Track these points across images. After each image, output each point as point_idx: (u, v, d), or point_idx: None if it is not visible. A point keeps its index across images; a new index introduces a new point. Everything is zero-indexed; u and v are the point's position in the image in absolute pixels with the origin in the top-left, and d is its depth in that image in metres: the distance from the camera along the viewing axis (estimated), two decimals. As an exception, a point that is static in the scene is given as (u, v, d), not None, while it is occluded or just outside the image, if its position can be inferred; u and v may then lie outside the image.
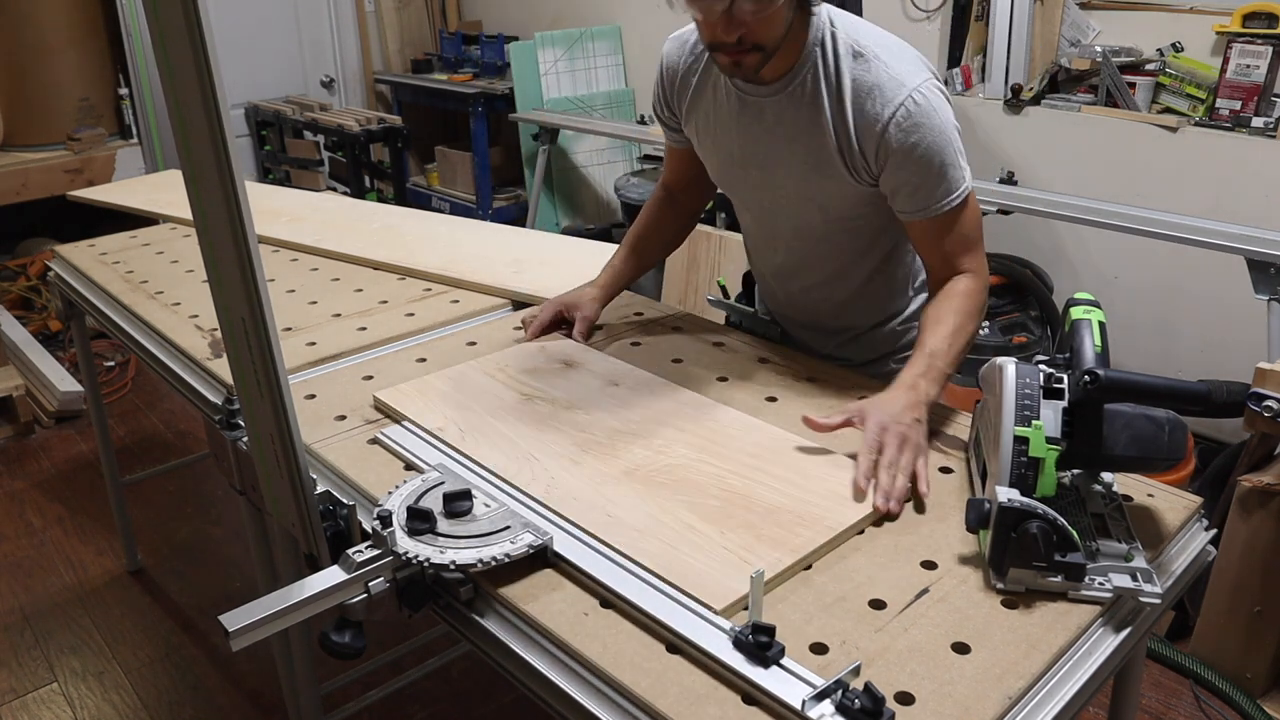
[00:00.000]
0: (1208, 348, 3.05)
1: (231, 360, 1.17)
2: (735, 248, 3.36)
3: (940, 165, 1.36)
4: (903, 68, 1.36)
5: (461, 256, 2.05)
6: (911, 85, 1.34)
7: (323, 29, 5.35)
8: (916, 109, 1.33)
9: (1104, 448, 1.07)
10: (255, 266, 1.02)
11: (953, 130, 1.37)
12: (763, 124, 1.45)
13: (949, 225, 1.41)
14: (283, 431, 1.13)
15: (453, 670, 2.33)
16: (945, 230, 1.41)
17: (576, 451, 1.31)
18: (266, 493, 1.28)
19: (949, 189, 1.37)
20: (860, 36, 1.39)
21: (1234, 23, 2.87)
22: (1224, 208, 2.82)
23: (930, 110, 1.34)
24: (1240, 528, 2.10)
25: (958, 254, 1.42)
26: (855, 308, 1.64)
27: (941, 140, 1.35)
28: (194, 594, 2.66)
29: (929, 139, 1.34)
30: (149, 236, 2.32)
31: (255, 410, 1.17)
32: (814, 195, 1.47)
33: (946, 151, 1.36)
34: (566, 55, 4.74)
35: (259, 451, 1.23)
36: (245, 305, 1.06)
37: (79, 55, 4.14)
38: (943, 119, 1.35)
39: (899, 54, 1.38)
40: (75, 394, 3.55)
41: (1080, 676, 0.98)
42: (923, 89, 1.34)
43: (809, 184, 1.46)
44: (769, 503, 1.18)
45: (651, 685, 0.93)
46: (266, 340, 1.06)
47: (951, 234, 1.41)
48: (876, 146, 1.37)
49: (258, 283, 1.03)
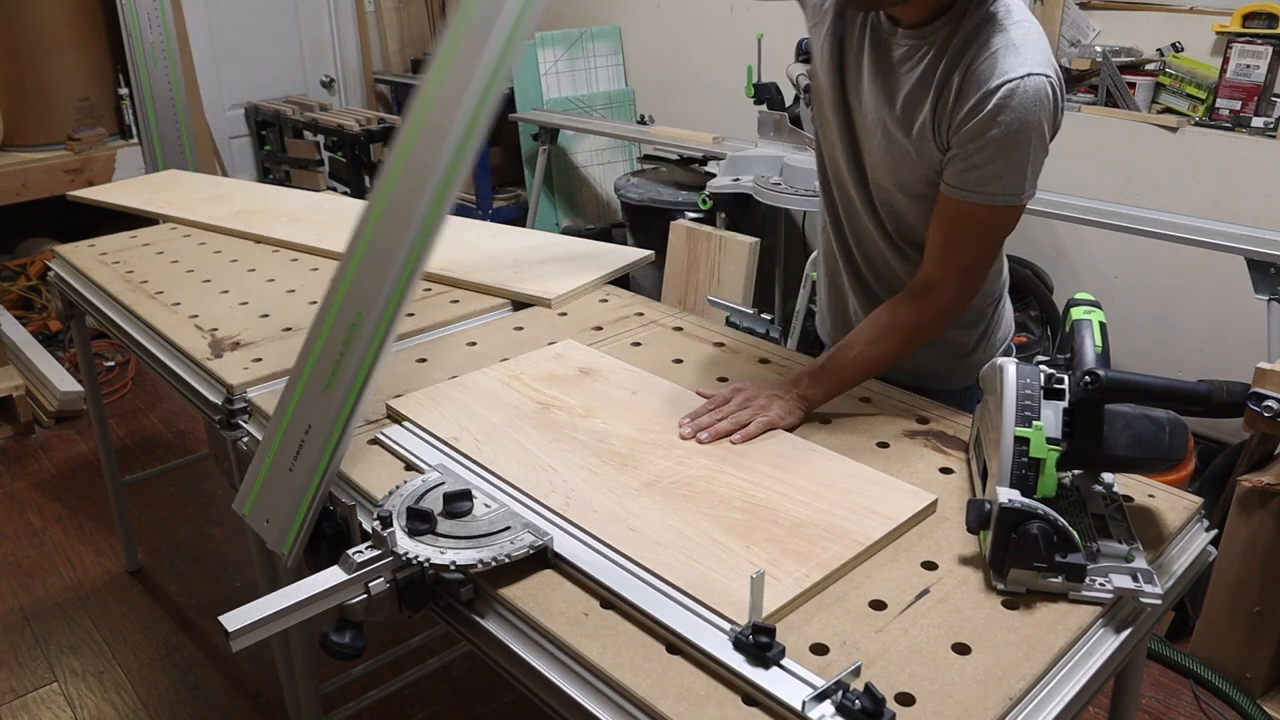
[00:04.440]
0: (1208, 348, 3.05)
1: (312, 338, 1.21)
2: (735, 248, 3.35)
3: (1008, 159, 1.28)
4: (1033, 53, 1.28)
5: (461, 256, 2.05)
6: (1033, 70, 1.26)
7: (323, 29, 5.35)
8: (1023, 92, 1.25)
9: (1105, 448, 1.07)
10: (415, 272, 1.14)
11: (1040, 137, 1.28)
12: (887, 61, 1.38)
13: (969, 217, 1.33)
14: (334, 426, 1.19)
15: (453, 670, 2.33)
16: (963, 219, 1.34)
17: (595, 462, 1.29)
18: (253, 486, 1.27)
19: (997, 184, 1.29)
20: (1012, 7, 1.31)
21: (1234, 23, 2.86)
22: (1224, 208, 2.82)
23: (1034, 102, 1.26)
24: (1240, 528, 2.10)
25: (954, 252, 1.36)
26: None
27: (1024, 136, 1.27)
28: (194, 594, 2.66)
29: (1016, 125, 1.26)
30: (149, 236, 2.32)
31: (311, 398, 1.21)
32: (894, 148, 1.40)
33: (1020, 150, 1.28)
34: (566, 55, 4.74)
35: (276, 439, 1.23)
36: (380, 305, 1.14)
37: (79, 55, 4.14)
38: (1038, 118, 1.27)
39: (1036, 39, 1.30)
40: (75, 394, 3.55)
41: (1081, 677, 0.98)
42: (1039, 80, 1.26)
43: (893, 135, 1.39)
44: (794, 516, 1.16)
45: (651, 686, 0.93)
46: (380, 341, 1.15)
47: (964, 228, 1.34)
48: (968, 108, 1.28)
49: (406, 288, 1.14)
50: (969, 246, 1.37)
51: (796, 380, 1.41)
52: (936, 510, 1.20)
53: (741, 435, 1.33)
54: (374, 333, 1.16)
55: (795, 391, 1.40)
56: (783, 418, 1.37)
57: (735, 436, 1.33)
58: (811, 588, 1.05)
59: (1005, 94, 1.25)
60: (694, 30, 4.42)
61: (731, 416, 1.35)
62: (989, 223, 1.34)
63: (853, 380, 1.42)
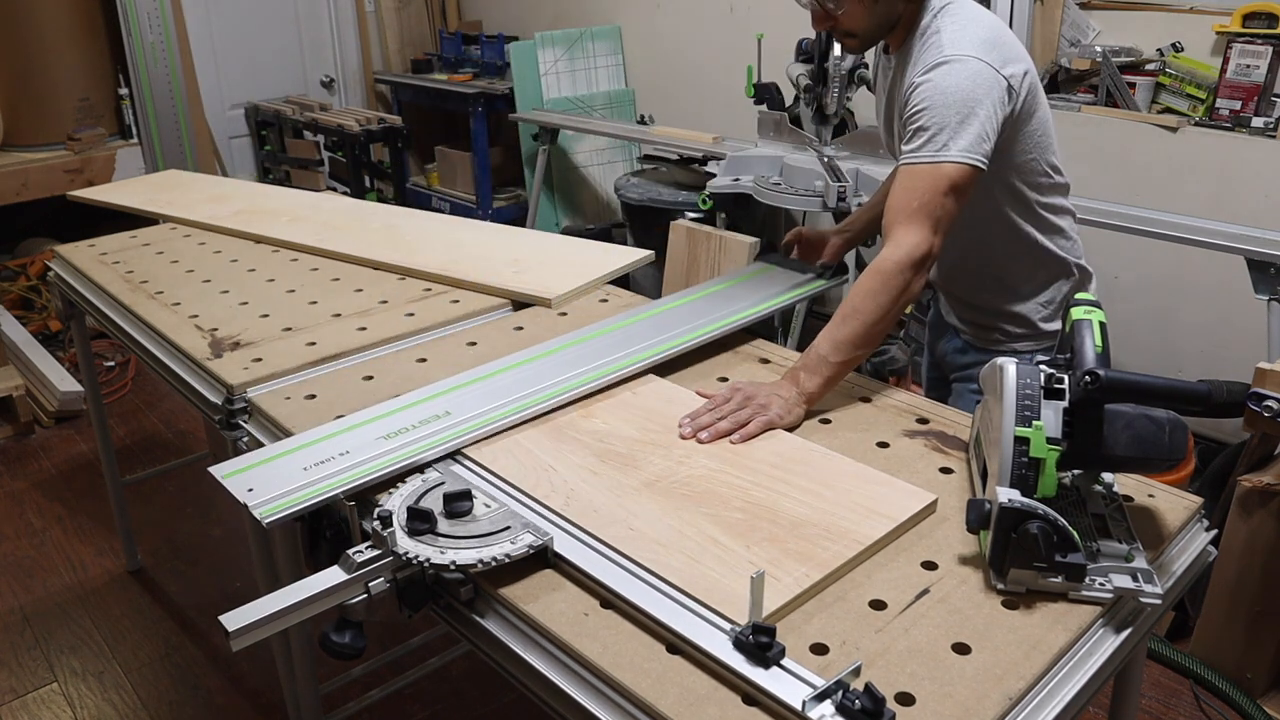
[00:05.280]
0: (1208, 348, 3.05)
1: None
2: (735, 248, 3.35)
3: (930, 122, 1.43)
4: (961, 40, 1.46)
5: (461, 256, 2.05)
6: (954, 52, 1.45)
7: (323, 29, 5.35)
8: (944, 68, 1.44)
9: (1105, 448, 1.07)
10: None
11: (967, 104, 1.42)
12: (887, 85, 1.65)
13: (905, 181, 1.47)
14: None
15: (453, 670, 2.33)
16: (900, 185, 1.47)
17: (595, 462, 1.29)
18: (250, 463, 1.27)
19: (923, 146, 1.44)
20: (960, 13, 1.50)
21: (1234, 23, 2.86)
22: (1224, 207, 2.82)
23: (955, 73, 1.43)
24: (1240, 528, 2.10)
25: (896, 213, 1.46)
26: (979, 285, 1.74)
27: (945, 101, 1.43)
28: (194, 594, 2.66)
29: (935, 95, 1.43)
30: (149, 236, 2.32)
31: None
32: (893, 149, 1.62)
33: (943, 113, 1.43)
34: (566, 55, 4.74)
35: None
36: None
37: (79, 55, 4.14)
38: (960, 87, 1.43)
39: (972, 33, 1.47)
40: (75, 394, 3.55)
41: (1081, 677, 0.98)
42: (961, 59, 1.44)
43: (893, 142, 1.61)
44: (794, 515, 1.17)
45: (652, 686, 0.93)
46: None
47: (902, 191, 1.46)
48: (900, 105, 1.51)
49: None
50: (903, 199, 1.46)
51: (794, 376, 1.43)
52: (936, 510, 1.20)
53: (741, 435, 1.34)
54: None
55: (794, 390, 1.41)
56: (782, 416, 1.37)
57: (734, 436, 1.34)
58: (811, 587, 1.05)
59: (930, 72, 1.46)
60: (694, 30, 4.42)
61: (731, 416, 1.36)
62: (917, 178, 1.45)
63: (847, 358, 1.43)
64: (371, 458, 1.27)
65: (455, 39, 5.26)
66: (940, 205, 1.44)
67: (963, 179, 1.43)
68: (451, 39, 5.28)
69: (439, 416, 1.37)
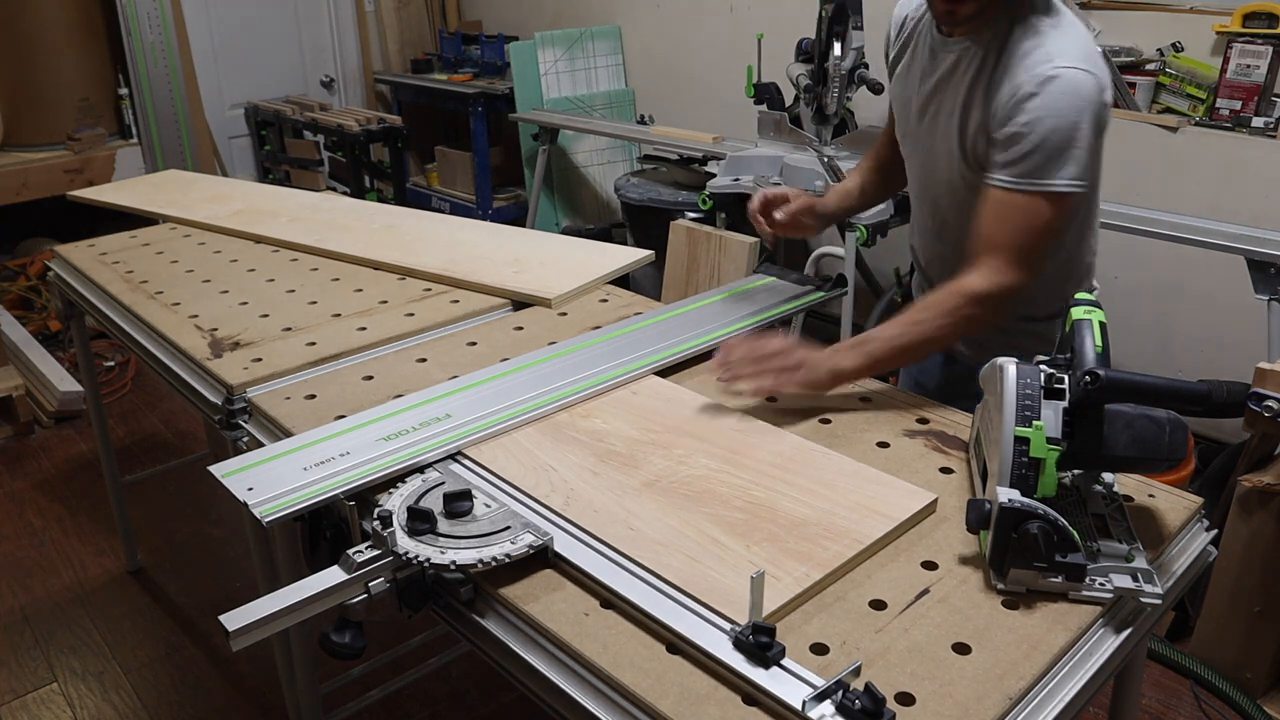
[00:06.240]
0: (1208, 348, 3.05)
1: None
2: (735, 248, 3.35)
3: (1038, 146, 1.35)
4: (1062, 46, 1.36)
5: (461, 256, 2.05)
6: (1060, 63, 1.35)
7: (323, 29, 5.35)
8: (1051, 83, 1.34)
9: (1105, 448, 1.07)
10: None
11: (1077, 128, 1.34)
12: (941, 72, 1.51)
13: (1006, 206, 1.38)
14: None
15: (453, 670, 2.33)
16: (1000, 208, 1.39)
17: (595, 462, 1.29)
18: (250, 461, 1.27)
19: (1032, 172, 1.36)
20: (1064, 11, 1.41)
21: (1234, 23, 2.86)
22: (1224, 207, 2.82)
23: (1061, 93, 1.34)
24: (1240, 528, 2.10)
25: (994, 240, 1.40)
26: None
27: (1055, 124, 1.34)
28: (194, 594, 2.66)
29: (1045, 117, 1.34)
30: (149, 236, 2.32)
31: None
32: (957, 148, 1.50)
33: (1052, 138, 1.34)
34: (566, 55, 4.74)
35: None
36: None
37: (79, 55, 4.14)
38: (1069, 108, 1.34)
39: (1076, 37, 1.38)
40: (75, 394, 3.55)
41: (1081, 677, 0.98)
42: (1068, 72, 1.34)
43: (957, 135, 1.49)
44: (794, 515, 1.16)
45: (652, 686, 0.93)
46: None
47: (1003, 216, 1.39)
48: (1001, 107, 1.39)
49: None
50: (1004, 226, 1.40)
51: (835, 350, 1.42)
52: (936, 510, 1.20)
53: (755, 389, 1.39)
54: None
55: (828, 364, 1.41)
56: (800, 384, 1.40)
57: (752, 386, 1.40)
58: (811, 587, 1.05)
59: (1035, 88, 1.34)
60: (694, 30, 4.42)
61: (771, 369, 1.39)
62: (1021, 208, 1.38)
63: (887, 356, 1.42)
64: (371, 458, 1.27)
65: (455, 39, 5.26)
66: (1040, 247, 1.40)
67: (1066, 207, 1.39)
68: (451, 39, 5.28)
69: (439, 419, 1.37)
